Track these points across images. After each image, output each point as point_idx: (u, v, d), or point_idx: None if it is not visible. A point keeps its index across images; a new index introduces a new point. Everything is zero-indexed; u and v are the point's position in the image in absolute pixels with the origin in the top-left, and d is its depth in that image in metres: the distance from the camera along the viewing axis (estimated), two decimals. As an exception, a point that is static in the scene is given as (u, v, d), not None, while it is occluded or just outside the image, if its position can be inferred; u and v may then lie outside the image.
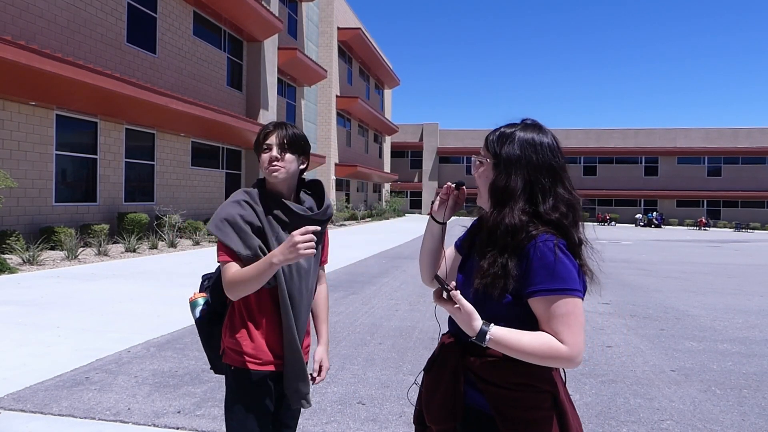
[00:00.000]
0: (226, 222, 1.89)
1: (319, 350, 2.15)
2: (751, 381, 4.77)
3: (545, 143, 1.53)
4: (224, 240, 1.87)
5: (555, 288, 1.39)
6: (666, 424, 3.77)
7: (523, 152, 1.50)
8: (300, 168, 2.03)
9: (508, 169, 1.50)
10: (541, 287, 1.40)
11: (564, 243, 1.44)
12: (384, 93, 50.58)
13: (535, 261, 1.41)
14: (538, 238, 1.42)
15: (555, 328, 1.39)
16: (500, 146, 1.53)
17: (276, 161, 1.94)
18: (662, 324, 7.05)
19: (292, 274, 1.94)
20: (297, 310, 1.96)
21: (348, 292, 8.73)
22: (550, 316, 1.39)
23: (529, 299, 1.42)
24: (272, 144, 1.96)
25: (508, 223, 1.44)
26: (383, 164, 49.52)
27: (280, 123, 2.03)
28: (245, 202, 1.94)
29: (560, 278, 1.39)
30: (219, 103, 20.68)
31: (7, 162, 12.08)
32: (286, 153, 1.96)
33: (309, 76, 28.13)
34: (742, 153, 51.47)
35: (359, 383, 4.41)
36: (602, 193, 53.29)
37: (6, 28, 11.86)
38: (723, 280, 11.86)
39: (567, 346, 1.38)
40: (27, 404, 3.74)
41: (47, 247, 12.25)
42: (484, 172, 1.56)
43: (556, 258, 1.40)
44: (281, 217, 1.95)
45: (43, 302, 7.09)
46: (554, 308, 1.39)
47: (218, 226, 1.89)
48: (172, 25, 17.95)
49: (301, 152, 2.02)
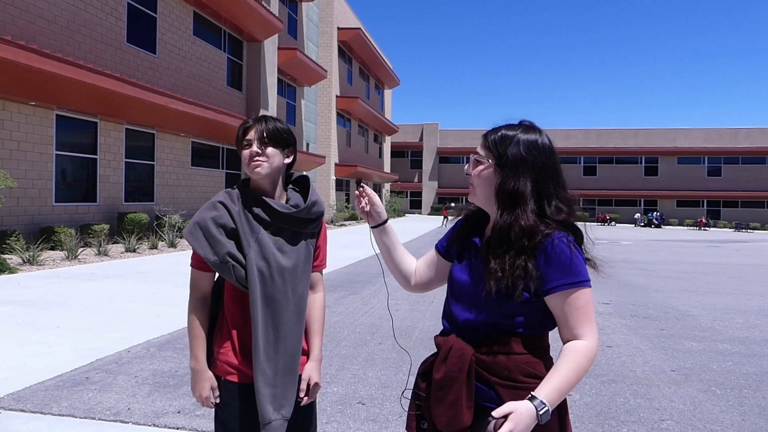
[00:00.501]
0: (197, 226, 1.83)
1: (308, 366, 1.94)
2: (751, 381, 4.77)
3: (546, 145, 1.56)
4: (193, 245, 1.83)
5: (573, 282, 1.45)
6: (666, 424, 3.76)
7: (529, 154, 1.52)
8: (285, 162, 1.92)
9: (516, 171, 1.52)
10: (561, 282, 1.45)
11: (573, 239, 1.50)
12: (384, 93, 50.58)
13: (553, 258, 1.46)
14: (554, 236, 1.47)
15: (574, 322, 1.46)
16: (504, 148, 1.54)
17: (257, 156, 1.85)
18: (662, 324, 7.05)
19: (272, 275, 1.81)
20: (281, 316, 1.82)
21: (348, 292, 8.73)
22: (571, 309, 1.45)
23: (548, 295, 1.47)
24: (252, 139, 1.86)
25: (524, 225, 1.47)
26: (383, 164, 49.52)
27: (260, 117, 1.92)
28: (220, 204, 1.86)
29: (576, 272, 1.46)
30: (219, 103, 20.69)
31: (7, 162, 12.08)
32: (268, 147, 1.86)
33: (309, 76, 28.13)
34: (742, 153, 51.48)
35: (359, 383, 4.41)
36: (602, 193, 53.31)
37: (6, 28, 11.86)
38: (723, 280, 11.86)
39: (588, 340, 1.45)
40: (27, 404, 3.74)
41: (47, 247, 12.25)
42: (485, 173, 1.57)
43: (572, 254, 1.46)
44: (262, 216, 1.85)
45: (43, 302, 7.09)
46: (573, 301, 1.45)
47: (190, 231, 1.84)
48: (172, 25, 17.95)
49: (285, 145, 1.90)
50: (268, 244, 1.83)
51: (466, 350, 1.50)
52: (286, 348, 1.83)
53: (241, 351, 1.83)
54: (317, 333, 2.01)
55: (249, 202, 1.87)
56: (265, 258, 1.81)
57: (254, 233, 1.83)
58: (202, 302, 1.89)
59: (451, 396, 1.49)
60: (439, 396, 1.51)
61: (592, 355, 1.45)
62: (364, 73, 42.71)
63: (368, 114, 39.31)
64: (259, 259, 1.81)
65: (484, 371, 1.49)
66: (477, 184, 1.59)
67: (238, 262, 1.80)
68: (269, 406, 1.78)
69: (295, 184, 2.01)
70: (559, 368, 1.43)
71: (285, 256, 1.86)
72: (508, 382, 1.47)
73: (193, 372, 1.86)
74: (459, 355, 1.50)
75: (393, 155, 56.11)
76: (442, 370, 1.51)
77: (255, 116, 1.94)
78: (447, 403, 1.49)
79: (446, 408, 1.49)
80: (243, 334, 1.85)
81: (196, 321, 1.87)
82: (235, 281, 1.81)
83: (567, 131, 55.76)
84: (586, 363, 1.44)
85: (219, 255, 1.79)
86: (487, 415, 1.43)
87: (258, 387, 1.78)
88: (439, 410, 1.50)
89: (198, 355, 1.85)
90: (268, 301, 1.81)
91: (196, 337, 1.86)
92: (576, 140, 54.93)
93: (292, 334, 1.85)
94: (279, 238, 1.86)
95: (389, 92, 52.61)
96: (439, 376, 1.52)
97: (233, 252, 1.80)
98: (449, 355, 1.51)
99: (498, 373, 1.48)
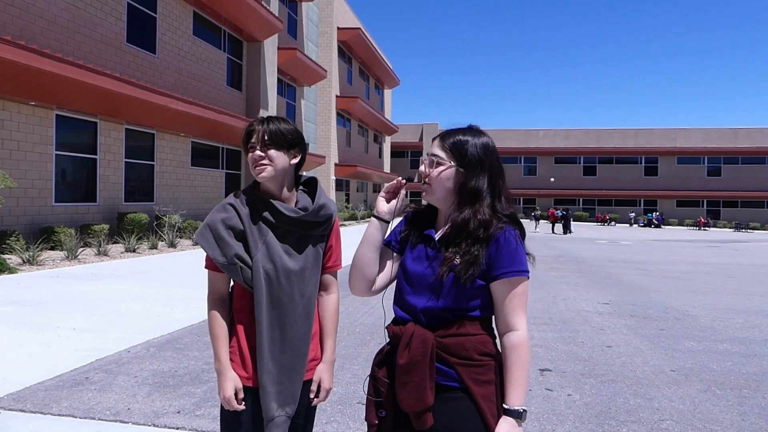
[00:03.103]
0: (207, 228, 1.85)
1: (319, 368, 1.95)
2: (751, 381, 4.77)
3: (495, 147, 1.75)
4: (203, 246, 1.84)
5: (517, 270, 1.61)
6: (666, 424, 3.76)
7: (485, 156, 1.69)
8: (292, 163, 1.90)
9: (475, 171, 1.68)
10: (507, 270, 1.61)
11: (519, 233, 1.67)
12: (384, 93, 50.58)
13: (502, 248, 1.61)
14: (505, 229, 1.64)
15: (511, 309, 1.62)
16: (465, 150, 1.69)
17: (260, 160, 1.83)
18: (662, 324, 7.05)
19: (278, 278, 1.82)
20: (287, 318, 1.83)
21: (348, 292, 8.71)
22: (511, 295, 1.62)
23: (494, 281, 1.62)
24: (256, 142, 1.84)
25: (480, 219, 1.64)
26: (383, 164, 49.52)
27: (263, 118, 1.89)
28: (230, 206, 1.87)
29: (520, 262, 1.62)
30: (219, 103, 20.69)
31: (7, 162, 12.08)
32: (270, 149, 1.84)
33: (309, 76, 28.13)
34: (742, 153, 51.48)
35: (359, 383, 4.40)
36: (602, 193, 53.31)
37: (6, 27, 11.86)
38: (723, 280, 11.86)
39: (521, 330, 1.62)
40: (27, 404, 3.74)
41: (47, 247, 12.25)
42: (445, 173, 1.69)
43: (517, 245, 1.63)
44: (269, 219, 1.85)
45: (43, 302, 7.09)
46: (515, 288, 1.62)
47: (201, 233, 1.86)
48: (172, 25, 17.95)
49: (289, 146, 1.87)
50: (276, 246, 1.85)
51: (426, 335, 1.62)
52: (293, 348, 1.85)
53: (249, 353, 1.85)
54: (330, 335, 2.02)
55: (257, 205, 1.87)
56: (272, 260, 1.83)
57: (262, 236, 1.84)
58: (220, 303, 1.89)
59: (416, 379, 1.60)
60: (404, 380, 1.62)
61: (527, 343, 1.62)
62: (363, 73, 42.71)
63: (368, 114, 39.31)
64: (266, 261, 1.82)
65: (444, 353, 1.62)
66: (435, 183, 1.71)
67: (246, 264, 1.82)
68: (273, 403, 1.80)
69: (304, 185, 2.01)
70: (513, 372, 1.60)
71: (292, 259, 1.87)
72: (466, 361, 1.61)
73: (217, 373, 1.86)
74: (421, 340, 1.61)
75: (393, 155, 56.12)
76: (406, 356, 1.61)
77: (260, 117, 1.93)
78: (412, 386, 1.60)
79: (412, 391, 1.60)
80: (250, 336, 1.85)
81: (216, 321, 1.87)
82: (243, 282, 1.83)
83: (567, 131, 55.75)
84: (527, 353, 1.61)
85: (227, 256, 1.81)
86: (447, 392, 1.60)
87: (263, 384, 1.80)
88: (405, 393, 1.61)
89: (220, 355, 1.85)
90: (274, 303, 1.82)
91: (217, 337, 1.86)
92: (576, 140, 54.91)
93: (299, 335, 1.86)
94: (287, 240, 1.88)
95: (389, 92, 52.61)
96: (403, 361, 1.62)
97: (241, 254, 1.82)
98: (411, 341, 1.62)
99: (456, 354, 1.62)
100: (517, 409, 1.58)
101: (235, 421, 1.84)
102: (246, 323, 1.86)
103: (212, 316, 1.87)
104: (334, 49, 34.13)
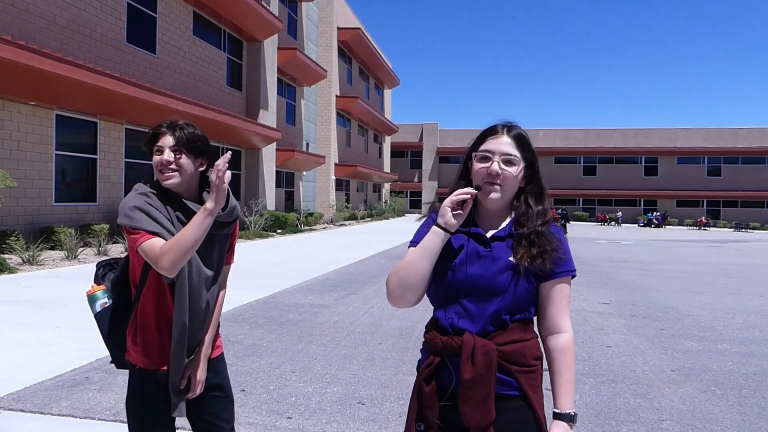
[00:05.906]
0: (137, 209, 1.80)
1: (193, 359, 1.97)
2: (751, 381, 4.77)
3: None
4: (140, 226, 1.78)
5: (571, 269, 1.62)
6: (666, 424, 3.77)
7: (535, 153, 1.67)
8: (200, 170, 1.92)
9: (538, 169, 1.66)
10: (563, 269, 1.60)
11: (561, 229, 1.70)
12: (384, 93, 50.57)
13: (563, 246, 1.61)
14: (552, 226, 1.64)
15: (561, 310, 1.60)
16: (528, 146, 1.64)
17: (169, 166, 1.82)
18: (662, 324, 7.05)
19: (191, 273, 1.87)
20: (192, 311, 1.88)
21: (348, 292, 8.73)
22: (562, 295, 1.60)
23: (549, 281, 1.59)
24: (164, 146, 1.83)
25: (550, 218, 1.63)
26: (383, 164, 49.51)
27: (173, 123, 1.87)
28: (153, 194, 1.86)
29: (571, 260, 1.63)
30: (219, 103, 20.69)
31: (7, 162, 12.08)
32: (181, 156, 1.82)
33: (309, 76, 28.12)
34: (742, 153, 51.46)
35: (359, 383, 4.41)
36: (602, 193, 53.29)
37: (6, 27, 11.86)
38: (723, 280, 11.86)
39: (569, 332, 1.61)
40: (27, 404, 3.74)
41: (47, 247, 12.25)
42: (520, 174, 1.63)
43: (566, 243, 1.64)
44: (182, 219, 1.86)
45: (43, 302, 7.09)
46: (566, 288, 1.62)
47: (129, 215, 1.79)
48: (171, 25, 17.95)
49: (199, 154, 1.87)
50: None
51: (488, 346, 1.53)
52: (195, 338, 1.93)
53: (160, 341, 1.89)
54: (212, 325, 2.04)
55: (169, 202, 1.88)
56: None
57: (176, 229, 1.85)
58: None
59: (481, 392, 1.52)
60: (468, 396, 1.53)
61: (573, 344, 1.62)
62: (363, 73, 42.70)
63: (368, 114, 39.30)
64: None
65: (505, 361, 1.56)
66: (509, 183, 1.61)
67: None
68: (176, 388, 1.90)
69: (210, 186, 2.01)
70: (563, 375, 1.59)
71: (201, 256, 1.90)
72: (524, 368, 1.57)
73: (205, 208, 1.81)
74: (483, 352, 1.53)
75: (393, 155, 56.10)
76: (470, 371, 1.52)
77: (169, 121, 1.90)
78: (477, 400, 1.52)
79: (477, 405, 1.52)
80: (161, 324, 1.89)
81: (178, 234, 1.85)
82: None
83: (567, 131, 55.75)
84: (573, 355, 1.61)
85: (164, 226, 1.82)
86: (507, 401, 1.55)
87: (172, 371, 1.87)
88: (469, 408, 1.52)
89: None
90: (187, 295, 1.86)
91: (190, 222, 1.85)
92: (576, 140, 54.90)
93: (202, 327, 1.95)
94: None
95: (389, 92, 52.60)
96: (468, 376, 1.52)
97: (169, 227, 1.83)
98: (474, 353, 1.53)
99: (516, 361, 1.57)
100: (569, 413, 1.56)
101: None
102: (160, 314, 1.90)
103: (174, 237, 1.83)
104: (334, 49, 34.12)
